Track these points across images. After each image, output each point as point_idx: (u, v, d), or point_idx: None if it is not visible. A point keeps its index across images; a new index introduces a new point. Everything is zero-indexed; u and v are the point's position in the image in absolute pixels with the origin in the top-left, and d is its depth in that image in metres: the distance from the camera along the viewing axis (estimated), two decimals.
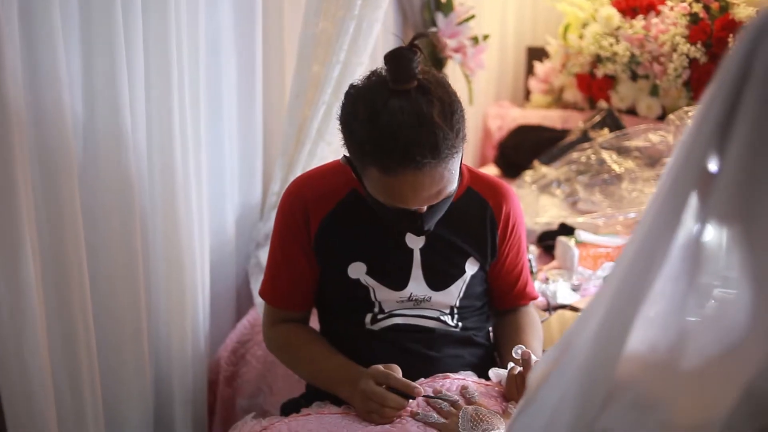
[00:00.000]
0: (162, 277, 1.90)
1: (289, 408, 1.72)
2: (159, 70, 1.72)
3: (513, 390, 1.58)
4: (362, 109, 1.41)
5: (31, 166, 1.42)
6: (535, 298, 1.87)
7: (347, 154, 1.52)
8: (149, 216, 1.83)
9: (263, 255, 2.23)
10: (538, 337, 1.78)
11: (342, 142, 1.49)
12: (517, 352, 1.58)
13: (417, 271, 1.65)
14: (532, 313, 1.85)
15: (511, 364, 1.59)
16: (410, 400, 1.53)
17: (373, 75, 1.45)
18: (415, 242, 1.64)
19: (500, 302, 1.83)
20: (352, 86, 1.47)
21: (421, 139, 1.36)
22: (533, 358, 1.56)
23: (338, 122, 1.48)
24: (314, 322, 1.83)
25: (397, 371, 1.54)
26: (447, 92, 1.42)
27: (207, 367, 2.12)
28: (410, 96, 1.37)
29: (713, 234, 0.65)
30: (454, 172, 1.46)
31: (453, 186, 1.50)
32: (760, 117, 0.60)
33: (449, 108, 1.40)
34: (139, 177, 1.73)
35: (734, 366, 0.65)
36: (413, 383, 1.52)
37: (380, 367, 1.55)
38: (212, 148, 2.12)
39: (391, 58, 1.39)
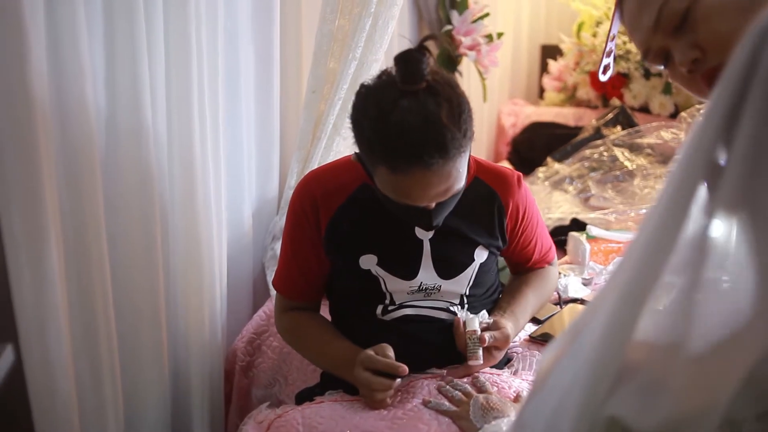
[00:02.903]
0: (180, 269, 1.92)
1: (304, 397, 1.76)
2: (179, 66, 1.74)
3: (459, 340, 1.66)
4: (372, 108, 1.44)
5: (56, 159, 1.44)
6: (550, 261, 1.93)
7: (358, 152, 1.55)
8: (169, 209, 1.85)
9: (279, 248, 2.26)
10: (539, 292, 1.86)
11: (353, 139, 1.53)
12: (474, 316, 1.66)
13: (427, 261, 1.68)
14: (544, 272, 1.91)
15: (466, 316, 1.67)
16: (427, 382, 1.59)
17: (384, 74, 1.47)
18: (424, 233, 1.67)
19: (516, 270, 1.92)
20: (363, 85, 1.49)
21: (429, 139, 1.39)
22: (476, 320, 1.64)
23: (349, 120, 1.52)
24: (326, 314, 1.87)
25: (388, 350, 1.58)
26: (455, 93, 1.44)
27: (224, 358, 2.15)
28: (419, 97, 1.40)
29: (721, 227, 0.67)
30: (461, 170, 1.49)
31: (461, 183, 1.52)
32: (765, 112, 0.62)
33: (457, 109, 1.42)
34: (159, 171, 1.75)
35: (738, 351, 0.67)
36: (396, 363, 1.55)
37: (369, 351, 1.58)
38: (230, 142, 2.14)
39: (400, 59, 1.41)
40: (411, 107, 1.39)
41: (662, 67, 1.14)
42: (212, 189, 1.91)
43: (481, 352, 1.61)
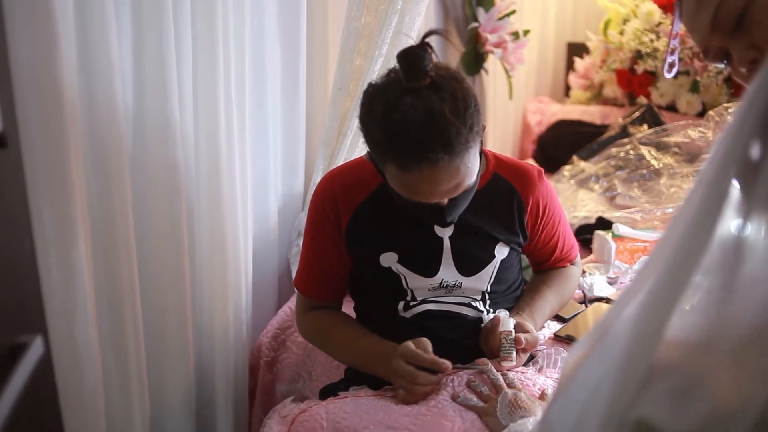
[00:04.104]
0: (206, 264, 1.93)
1: (327, 393, 1.76)
2: (206, 62, 1.75)
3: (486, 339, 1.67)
4: (377, 107, 1.44)
5: (84, 154, 1.45)
6: (572, 260, 1.92)
7: (369, 151, 1.55)
8: (195, 205, 1.86)
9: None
10: (559, 292, 1.85)
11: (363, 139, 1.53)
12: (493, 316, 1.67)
13: (447, 258, 1.68)
14: (566, 271, 1.90)
15: (502, 312, 1.67)
16: (447, 375, 1.59)
17: (391, 73, 1.47)
18: (443, 230, 1.67)
19: (537, 267, 1.92)
20: (370, 84, 1.49)
21: (433, 136, 1.39)
22: (511, 321, 1.64)
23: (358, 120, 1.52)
24: (349, 310, 1.87)
25: (428, 345, 1.58)
26: (461, 87, 1.44)
27: (248, 353, 2.16)
28: (422, 94, 1.39)
29: (755, 226, 0.66)
30: (470, 165, 1.48)
31: (471, 179, 1.52)
32: None
33: (462, 103, 1.42)
34: (185, 167, 1.76)
35: None
36: (441, 359, 1.55)
37: (410, 344, 1.58)
38: (256, 139, 2.15)
39: (402, 57, 1.41)
40: (414, 104, 1.39)
41: (723, 66, 1.14)
42: (238, 185, 1.92)
43: (515, 353, 1.61)
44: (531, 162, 3.95)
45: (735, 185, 0.63)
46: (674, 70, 1.35)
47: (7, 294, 1.09)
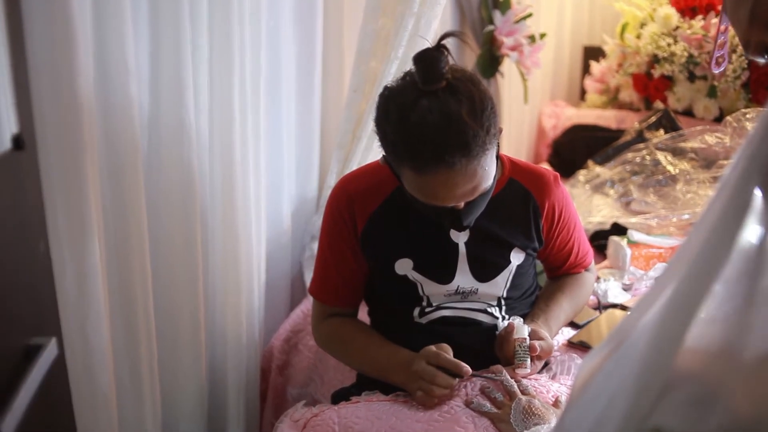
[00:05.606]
0: (219, 267, 1.93)
1: (339, 397, 1.75)
2: (222, 65, 1.76)
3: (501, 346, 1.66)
4: (393, 110, 1.43)
5: (99, 157, 1.46)
6: (587, 266, 1.91)
7: (385, 154, 1.55)
8: (209, 207, 1.87)
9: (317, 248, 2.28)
10: (574, 300, 1.84)
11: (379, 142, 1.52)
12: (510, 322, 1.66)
13: (463, 265, 1.67)
14: (580, 278, 1.89)
15: (517, 320, 1.67)
16: (460, 380, 1.58)
17: (407, 75, 1.46)
18: (459, 236, 1.66)
19: (552, 273, 1.90)
20: (386, 87, 1.49)
21: (450, 138, 1.38)
22: (525, 328, 1.62)
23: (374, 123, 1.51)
24: (363, 315, 1.86)
25: (448, 351, 1.58)
26: (477, 90, 1.42)
27: (260, 356, 2.16)
28: (439, 96, 1.39)
29: None
30: (487, 168, 1.47)
31: (488, 182, 1.51)
32: None
33: (479, 106, 1.41)
34: (200, 169, 1.77)
35: None
36: (461, 363, 1.54)
37: (432, 347, 1.58)
38: (271, 141, 2.15)
39: (419, 59, 1.40)
40: (431, 107, 1.38)
41: (764, 60, 1.14)
42: (252, 188, 1.92)
43: (529, 360, 1.60)
44: (546, 166, 3.93)
45: (758, 193, 0.63)
46: (723, 65, 1.34)
47: (22, 296, 1.10)
